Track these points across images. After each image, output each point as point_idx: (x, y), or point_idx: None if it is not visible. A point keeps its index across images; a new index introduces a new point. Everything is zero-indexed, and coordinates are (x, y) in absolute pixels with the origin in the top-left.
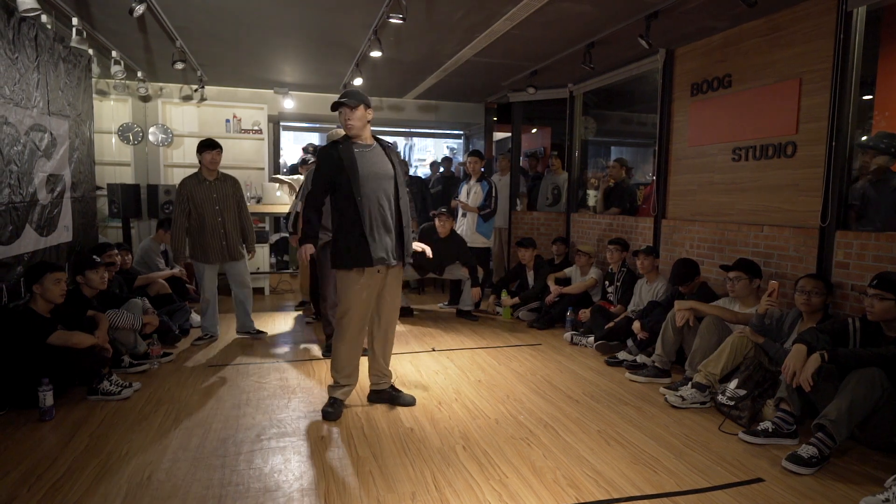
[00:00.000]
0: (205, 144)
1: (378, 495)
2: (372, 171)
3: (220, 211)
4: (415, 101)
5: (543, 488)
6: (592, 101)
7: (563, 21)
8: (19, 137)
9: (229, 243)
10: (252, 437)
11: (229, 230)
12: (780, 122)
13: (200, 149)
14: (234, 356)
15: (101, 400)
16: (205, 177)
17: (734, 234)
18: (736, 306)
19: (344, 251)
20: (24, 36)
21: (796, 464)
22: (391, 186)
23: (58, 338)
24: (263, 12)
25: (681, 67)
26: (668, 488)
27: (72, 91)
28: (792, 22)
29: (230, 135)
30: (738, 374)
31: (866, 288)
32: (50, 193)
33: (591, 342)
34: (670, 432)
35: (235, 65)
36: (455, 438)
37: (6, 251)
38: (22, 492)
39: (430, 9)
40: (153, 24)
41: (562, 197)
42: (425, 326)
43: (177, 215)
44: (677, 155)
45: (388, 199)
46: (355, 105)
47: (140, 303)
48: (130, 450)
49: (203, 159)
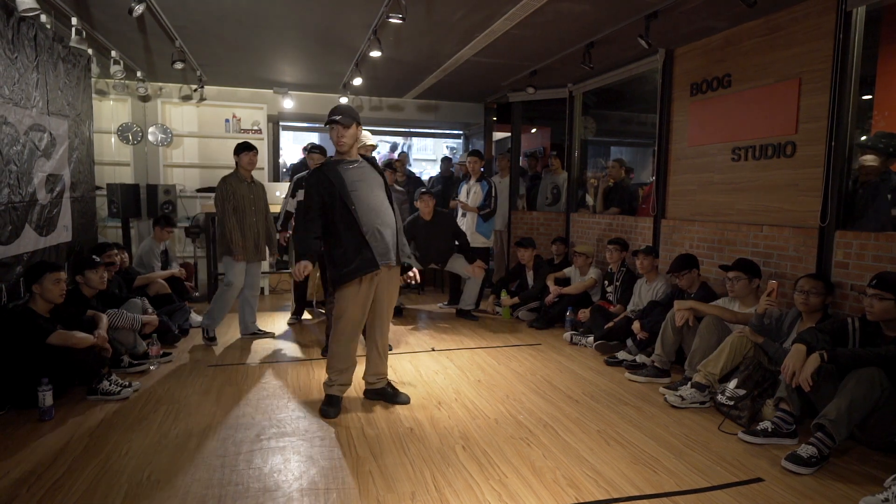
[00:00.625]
0: (243, 146)
1: (378, 495)
2: (360, 180)
3: (255, 211)
4: (414, 101)
5: (543, 488)
6: (592, 100)
7: (563, 21)
8: (19, 137)
9: (258, 244)
10: (252, 437)
11: (260, 231)
12: (780, 122)
13: (239, 150)
14: (234, 356)
15: (101, 400)
16: (244, 177)
17: (734, 233)
18: (735, 306)
19: (344, 264)
20: (23, 36)
21: (796, 463)
22: (382, 192)
23: (57, 338)
24: (263, 12)
25: (680, 67)
26: (668, 488)
27: (71, 91)
28: (791, 22)
29: (229, 135)
30: (737, 374)
31: (866, 288)
32: (49, 193)
33: (591, 342)
34: (670, 432)
35: (235, 65)
36: (455, 438)
37: (5, 251)
38: (22, 491)
39: (429, 8)
40: (152, 24)
41: (561, 197)
42: (425, 326)
43: (226, 212)
44: (677, 155)
45: (380, 201)
46: (348, 123)
47: (139, 303)
48: (130, 449)
49: (241, 160)
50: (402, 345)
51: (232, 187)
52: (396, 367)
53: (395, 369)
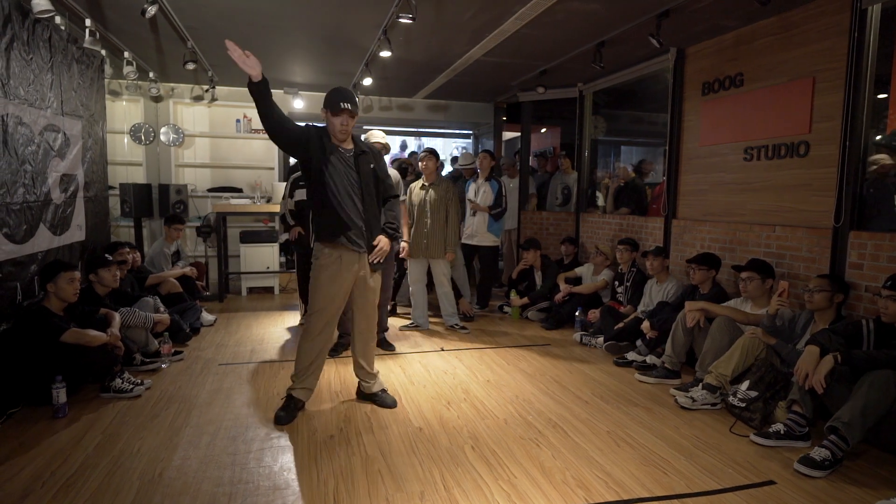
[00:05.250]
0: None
1: (387, 494)
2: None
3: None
4: (424, 101)
5: (552, 489)
6: (602, 100)
7: (573, 20)
8: (33, 137)
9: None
10: (262, 436)
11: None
12: (793, 122)
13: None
14: (244, 355)
15: (114, 397)
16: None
17: (746, 234)
18: (748, 307)
19: (323, 226)
20: (38, 37)
21: (809, 466)
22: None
23: (71, 336)
24: (274, 13)
25: (692, 66)
26: (678, 490)
27: (85, 91)
28: (805, 20)
29: (240, 135)
30: (749, 376)
31: (880, 289)
32: (63, 193)
33: (601, 343)
34: (680, 434)
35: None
36: (464, 438)
37: (20, 250)
38: (36, 487)
39: (439, 8)
40: (165, 25)
41: (571, 197)
42: (434, 326)
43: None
44: (688, 154)
45: (354, 195)
46: (356, 112)
47: (151, 301)
48: (142, 447)
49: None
50: (411, 345)
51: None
52: (405, 367)
53: (404, 369)
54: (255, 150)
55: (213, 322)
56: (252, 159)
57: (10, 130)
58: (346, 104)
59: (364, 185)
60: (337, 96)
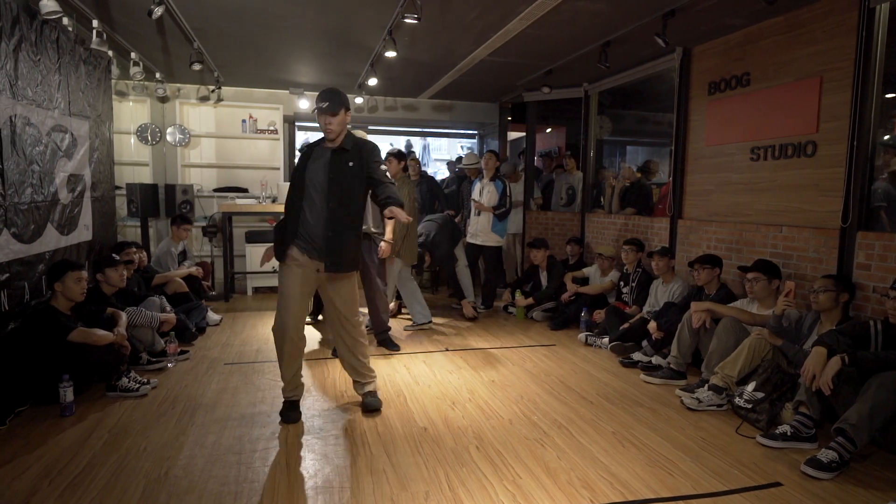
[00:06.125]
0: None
1: (392, 494)
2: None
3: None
4: (429, 101)
5: (557, 489)
6: (608, 100)
7: (579, 20)
8: (41, 138)
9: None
10: (267, 435)
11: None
12: (800, 121)
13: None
14: (250, 355)
15: (120, 396)
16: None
17: (752, 234)
18: (754, 307)
19: (277, 232)
20: (46, 38)
21: (816, 468)
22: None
23: (78, 335)
24: (279, 13)
25: (698, 66)
26: (684, 491)
27: (92, 92)
28: (812, 19)
29: (246, 135)
30: (755, 377)
31: (888, 290)
32: (70, 193)
33: (606, 343)
34: (686, 435)
35: (251, 66)
36: (469, 438)
37: (28, 249)
38: (43, 485)
39: (444, 9)
40: (171, 26)
41: (576, 197)
42: (438, 326)
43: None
44: (694, 154)
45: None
46: (336, 110)
47: (158, 301)
48: (148, 446)
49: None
50: (416, 344)
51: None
52: (410, 367)
53: (408, 369)
54: (261, 150)
55: (218, 322)
56: (257, 159)
57: (18, 131)
58: (321, 104)
59: (333, 184)
60: (317, 98)
